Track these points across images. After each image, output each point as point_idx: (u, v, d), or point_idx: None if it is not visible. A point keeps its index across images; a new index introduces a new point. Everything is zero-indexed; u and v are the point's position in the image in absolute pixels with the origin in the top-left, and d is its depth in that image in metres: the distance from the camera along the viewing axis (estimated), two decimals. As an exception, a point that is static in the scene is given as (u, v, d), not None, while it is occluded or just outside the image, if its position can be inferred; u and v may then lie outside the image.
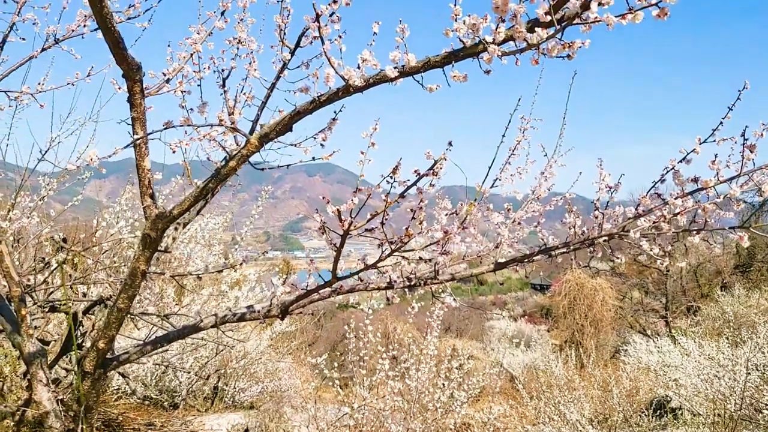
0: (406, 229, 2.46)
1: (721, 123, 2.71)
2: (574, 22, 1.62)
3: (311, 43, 3.42)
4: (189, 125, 2.45)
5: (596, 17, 1.57)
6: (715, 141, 2.76)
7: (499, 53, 1.81)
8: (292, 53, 3.36)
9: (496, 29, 1.83)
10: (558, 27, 1.63)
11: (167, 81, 2.69)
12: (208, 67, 2.94)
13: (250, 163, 2.49)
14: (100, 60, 4.60)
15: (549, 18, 1.63)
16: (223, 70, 3.43)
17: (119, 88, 2.58)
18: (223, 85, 3.42)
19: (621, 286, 33.02)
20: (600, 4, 1.60)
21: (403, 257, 2.71)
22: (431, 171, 2.40)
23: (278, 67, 3.39)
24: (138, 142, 2.29)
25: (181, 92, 2.70)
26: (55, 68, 4.84)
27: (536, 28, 1.70)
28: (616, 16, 1.59)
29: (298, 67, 3.45)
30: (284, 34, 3.31)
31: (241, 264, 3.26)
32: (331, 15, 3.34)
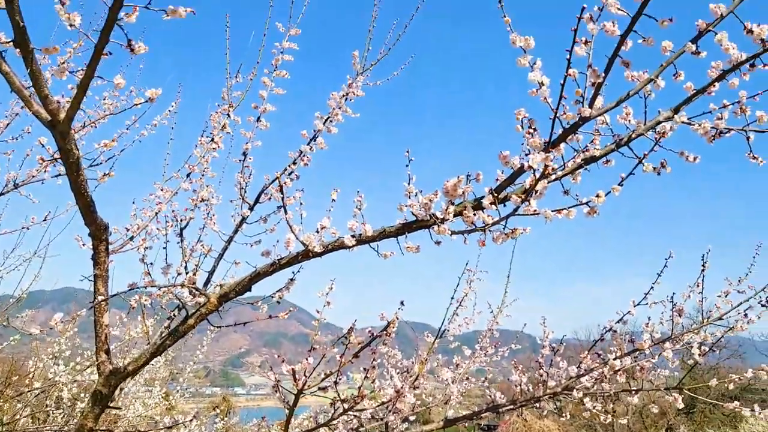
0: (359, 389, 2.52)
1: (652, 288, 2.94)
2: (517, 213, 1.81)
3: (270, 199, 3.60)
4: (153, 286, 2.52)
5: (535, 210, 1.77)
6: (647, 304, 2.98)
7: (449, 233, 1.99)
8: (252, 209, 3.52)
9: (446, 209, 2.01)
10: (501, 217, 1.82)
11: (131, 239, 2.78)
12: (171, 225, 3.05)
13: (208, 320, 2.55)
14: (52, 202, 4.67)
15: (494, 207, 1.82)
16: (181, 220, 3.55)
17: (83, 245, 2.65)
18: (181, 235, 3.52)
19: (569, 427, 32.57)
20: (531, 193, 1.81)
21: (355, 416, 2.74)
22: (384, 332, 2.50)
23: (237, 221, 3.53)
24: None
25: (144, 248, 2.79)
26: (8, 209, 4.89)
27: (482, 213, 1.89)
28: (552, 211, 1.79)
29: (257, 221, 3.60)
30: (245, 191, 3.48)
31: (191, 420, 3.21)
32: (290, 174, 3.56)
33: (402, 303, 2.71)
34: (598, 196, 1.77)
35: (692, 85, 2.18)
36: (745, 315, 3.16)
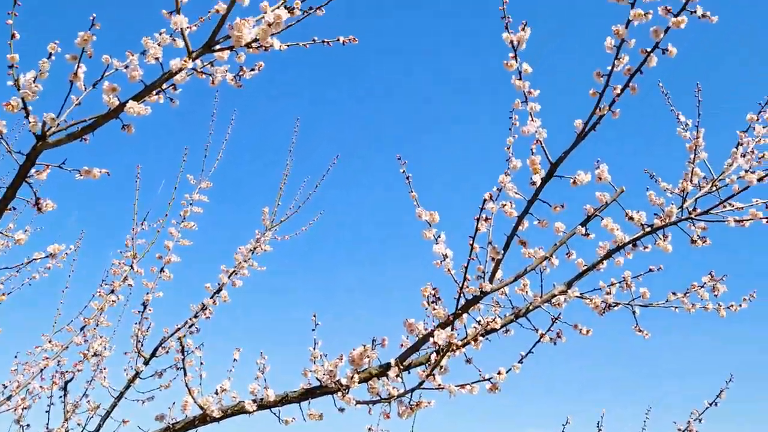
0: None
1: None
2: (422, 387, 1.83)
3: (167, 352, 3.46)
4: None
5: (440, 384, 1.80)
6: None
7: (354, 402, 1.97)
8: (147, 363, 3.36)
9: (351, 377, 2.00)
10: (406, 390, 1.83)
11: (8, 398, 2.57)
12: (57, 383, 2.85)
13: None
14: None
15: (399, 379, 1.84)
16: (66, 373, 3.32)
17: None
18: (65, 389, 3.28)
19: None
20: (435, 369, 1.84)
21: None
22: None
23: (130, 375, 3.35)
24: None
25: (22, 409, 2.57)
26: None
27: (387, 382, 1.90)
28: (456, 386, 1.83)
29: (151, 376, 3.42)
30: (141, 344, 3.33)
31: None
32: (190, 327, 3.46)
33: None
34: (499, 373, 1.83)
35: (583, 261, 2.36)
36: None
